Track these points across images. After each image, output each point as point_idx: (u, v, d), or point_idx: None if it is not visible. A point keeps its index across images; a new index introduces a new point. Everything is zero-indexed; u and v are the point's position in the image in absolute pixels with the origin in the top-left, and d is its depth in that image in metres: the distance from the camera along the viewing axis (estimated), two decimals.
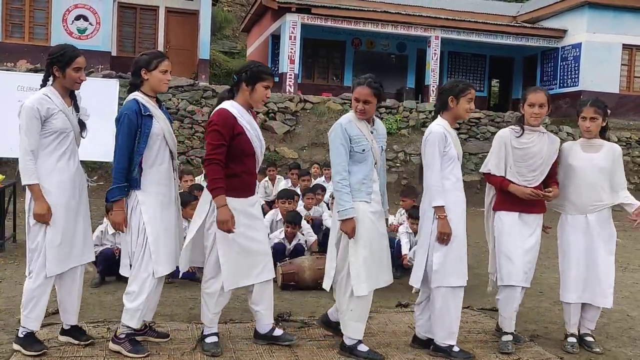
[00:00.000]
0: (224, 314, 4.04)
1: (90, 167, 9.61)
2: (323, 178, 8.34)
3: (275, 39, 17.69)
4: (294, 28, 15.63)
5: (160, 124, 3.60)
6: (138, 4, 15.85)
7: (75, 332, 3.72)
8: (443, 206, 3.66)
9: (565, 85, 17.16)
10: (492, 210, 4.11)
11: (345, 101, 14.10)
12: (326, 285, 3.77)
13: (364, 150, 3.64)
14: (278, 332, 3.86)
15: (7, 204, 6.78)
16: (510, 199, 3.95)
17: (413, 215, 5.63)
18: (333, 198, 6.55)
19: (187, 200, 5.29)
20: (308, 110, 13.95)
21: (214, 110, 3.66)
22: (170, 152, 3.69)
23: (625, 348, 4.10)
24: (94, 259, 3.88)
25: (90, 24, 14.39)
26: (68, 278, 3.61)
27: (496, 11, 19.42)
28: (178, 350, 3.62)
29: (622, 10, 16.44)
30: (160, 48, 15.96)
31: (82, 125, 3.68)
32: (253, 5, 18.79)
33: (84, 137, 3.74)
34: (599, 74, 16.29)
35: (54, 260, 3.45)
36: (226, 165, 3.57)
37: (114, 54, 15.25)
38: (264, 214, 5.57)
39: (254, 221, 3.72)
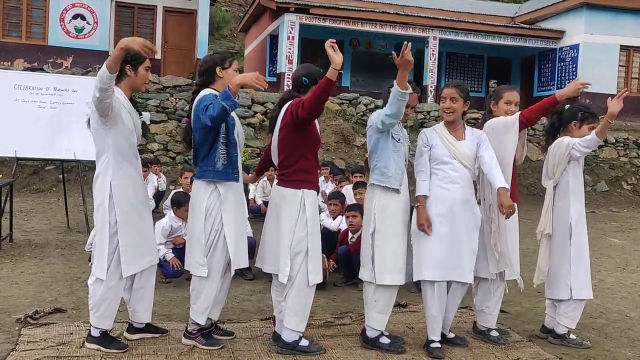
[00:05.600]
0: (221, 314, 4.02)
1: (87, 167, 9.58)
2: (322, 178, 8.32)
3: (274, 39, 17.67)
4: (292, 28, 15.62)
5: (235, 120, 3.66)
6: (136, 4, 15.80)
7: (150, 327, 3.81)
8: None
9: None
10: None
11: (343, 101, 14.08)
12: (366, 276, 3.75)
13: (399, 139, 3.76)
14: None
15: (3, 203, 6.75)
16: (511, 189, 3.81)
17: None
18: (327, 197, 6.60)
19: (184, 201, 5.23)
20: None
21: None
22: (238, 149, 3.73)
23: (624, 349, 4.09)
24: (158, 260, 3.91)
25: (87, 23, 14.33)
26: (141, 278, 3.65)
27: (494, 12, 19.44)
28: (176, 350, 3.60)
29: (620, 11, 16.47)
30: (158, 48, 15.93)
31: (144, 127, 3.70)
32: (251, 5, 18.77)
33: (146, 139, 3.79)
34: (597, 75, 16.26)
35: (129, 261, 3.47)
36: (306, 157, 3.61)
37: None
38: (263, 214, 5.52)
39: None
